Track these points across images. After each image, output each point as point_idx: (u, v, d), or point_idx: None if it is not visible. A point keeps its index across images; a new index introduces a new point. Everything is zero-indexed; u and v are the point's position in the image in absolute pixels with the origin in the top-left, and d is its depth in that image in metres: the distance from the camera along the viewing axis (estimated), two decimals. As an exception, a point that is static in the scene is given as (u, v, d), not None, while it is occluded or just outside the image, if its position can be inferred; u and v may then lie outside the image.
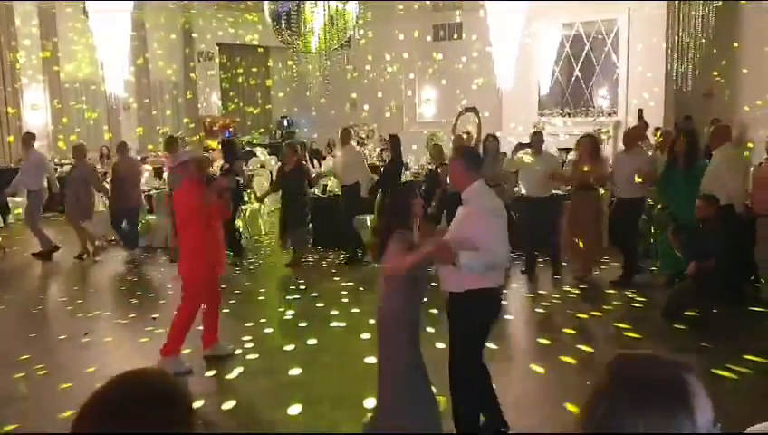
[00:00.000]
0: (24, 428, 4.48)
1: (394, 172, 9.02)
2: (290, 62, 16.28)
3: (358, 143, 13.81)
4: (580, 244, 7.78)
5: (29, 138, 10.18)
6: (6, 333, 6.59)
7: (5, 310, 7.40)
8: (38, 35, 14.16)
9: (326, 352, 5.80)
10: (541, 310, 6.98)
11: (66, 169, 13.30)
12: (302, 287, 7.99)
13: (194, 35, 17.12)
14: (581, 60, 14.73)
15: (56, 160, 13.45)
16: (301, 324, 6.57)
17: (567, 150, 11.35)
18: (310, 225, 9.34)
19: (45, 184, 10.19)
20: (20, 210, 12.19)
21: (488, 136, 8.76)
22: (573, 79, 14.93)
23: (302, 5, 9.15)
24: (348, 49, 16.03)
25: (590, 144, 7.85)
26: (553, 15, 14.37)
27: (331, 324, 6.56)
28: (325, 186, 10.55)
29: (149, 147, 15.04)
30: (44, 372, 5.46)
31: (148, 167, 12.31)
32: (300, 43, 9.64)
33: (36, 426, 4.48)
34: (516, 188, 8.58)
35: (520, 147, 8.49)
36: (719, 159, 6.92)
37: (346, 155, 9.44)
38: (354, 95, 16.78)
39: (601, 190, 8.21)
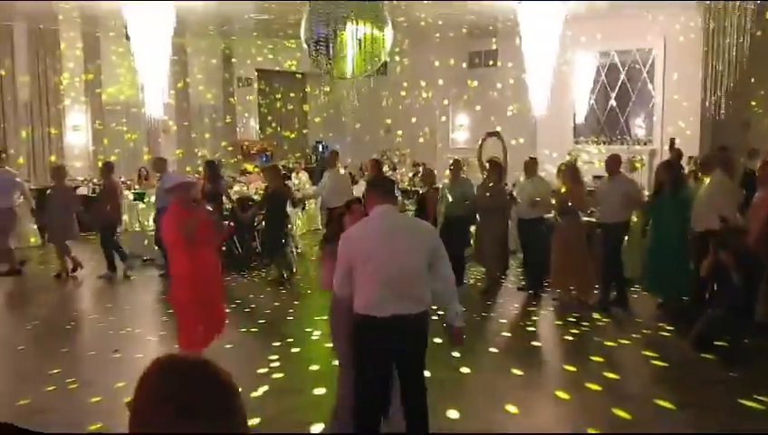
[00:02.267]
0: (55, 439, 4.59)
1: None
2: (326, 89, 16.56)
3: (389, 168, 13.99)
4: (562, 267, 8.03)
5: None
6: (38, 348, 6.76)
7: (39, 325, 7.60)
8: (82, 58, 14.62)
9: (351, 373, 5.83)
10: (569, 337, 6.93)
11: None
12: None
13: (234, 61, 17.51)
14: (617, 88, 14.69)
15: (95, 181, 13.79)
16: (327, 345, 6.60)
17: (600, 178, 11.30)
18: (291, 244, 9.95)
19: (17, 202, 10.40)
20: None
21: (454, 161, 9.32)
22: (609, 107, 14.88)
23: (337, 32, 9.33)
24: (383, 75, 16.24)
25: (569, 171, 8.18)
26: (589, 44, 14.38)
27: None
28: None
29: (188, 169, 15.31)
30: (75, 385, 5.60)
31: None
32: (335, 69, 9.81)
33: (66, 437, 4.59)
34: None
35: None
36: (713, 184, 7.16)
37: (332, 178, 9.78)
38: (389, 121, 16.94)
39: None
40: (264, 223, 10.04)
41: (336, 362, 4.62)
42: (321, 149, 18.89)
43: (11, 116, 13.71)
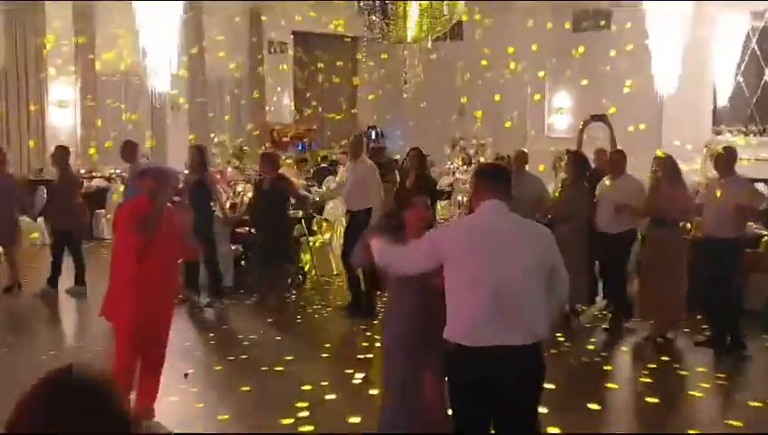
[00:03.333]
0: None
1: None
2: (383, 57, 16.64)
3: (464, 162, 13.94)
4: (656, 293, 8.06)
5: None
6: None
7: (8, 353, 7.87)
8: (71, 17, 15.03)
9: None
10: (696, 393, 6.82)
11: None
12: (378, 344, 8.11)
13: (264, 20, 17.81)
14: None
15: (82, 172, 14.11)
16: (372, 392, 6.67)
17: (754, 181, 11.05)
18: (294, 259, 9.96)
19: None
20: (37, 234, 12.99)
21: (518, 153, 9.63)
22: (762, 84, 14.54)
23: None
24: (458, 41, 16.25)
25: (666, 167, 8.05)
26: (738, 1, 14.11)
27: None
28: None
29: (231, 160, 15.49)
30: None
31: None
32: (392, 31, 9.91)
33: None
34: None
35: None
36: None
37: (355, 172, 9.52)
38: (464, 99, 16.90)
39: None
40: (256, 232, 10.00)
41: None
42: (374, 136, 19.02)
43: (-20, 88, 14.24)
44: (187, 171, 10.14)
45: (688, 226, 8.73)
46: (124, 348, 5.52)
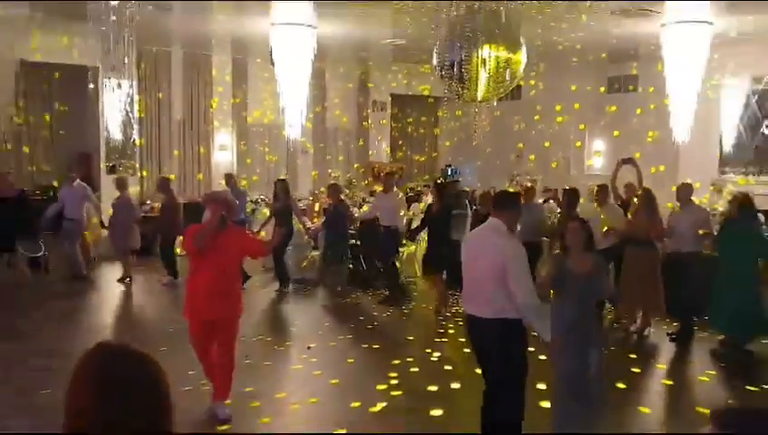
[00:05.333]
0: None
1: (439, 218, 9.17)
2: (458, 113, 16.61)
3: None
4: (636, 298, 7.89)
5: (75, 170, 11.30)
6: (178, 352, 7.17)
7: (182, 329, 8.08)
8: (230, 83, 15.55)
9: (468, 396, 5.77)
10: (704, 378, 6.51)
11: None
12: (451, 331, 8.06)
13: (369, 86, 18.00)
14: (771, 115, 13.70)
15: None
16: (446, 368, 6.62)
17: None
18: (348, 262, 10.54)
19: (85, 214, 11.03)
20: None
21: (527, 186, 9.84)
22: (760, 135, 13.90)
23: (469, 55, 9.37)
24: (516, 100, 16.10)
25: (646, 198, 7.88)
26: (740, 69, 13.55)
27: (477, 370, 6.52)
28: None
29: (321, 189, 15.79)
30: (207, 387, 5.89)
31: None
32: (465, 93, 9.85)
33: None
34: None
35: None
36: None
37: (389, 200, 10.11)
38: (521, 145, 16.73)
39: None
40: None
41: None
42: (450, 172, 18.95)
43: (165, 135, 14.84)
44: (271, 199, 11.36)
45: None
46: (191, 341, 5.50)
